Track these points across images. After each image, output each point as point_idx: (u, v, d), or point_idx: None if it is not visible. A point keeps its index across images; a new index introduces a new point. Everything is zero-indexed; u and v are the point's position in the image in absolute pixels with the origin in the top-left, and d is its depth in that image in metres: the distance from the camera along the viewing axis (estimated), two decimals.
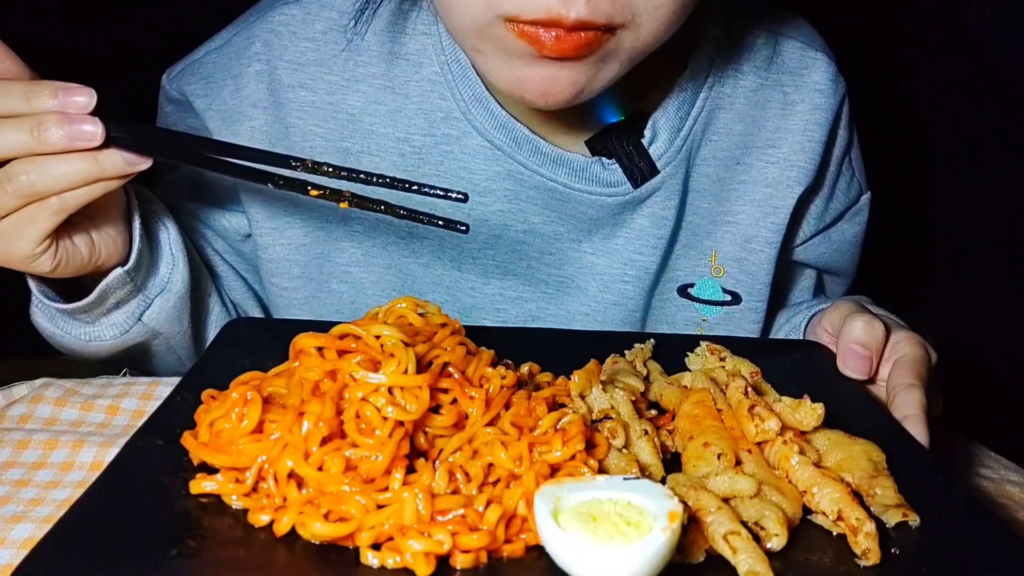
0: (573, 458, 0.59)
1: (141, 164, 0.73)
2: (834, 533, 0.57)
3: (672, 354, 0.80)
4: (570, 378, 0.70)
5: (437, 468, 0.57)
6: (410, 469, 0.57)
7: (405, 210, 0.71)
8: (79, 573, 0.49)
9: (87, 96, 0.70)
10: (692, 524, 0.55)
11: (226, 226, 1.00)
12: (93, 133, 0.69)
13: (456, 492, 0.56)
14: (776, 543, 0.54)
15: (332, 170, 0.71)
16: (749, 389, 0.67)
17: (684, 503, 0.54)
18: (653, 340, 0.82)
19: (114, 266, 0.82)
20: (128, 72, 1.26)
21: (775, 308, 1.10)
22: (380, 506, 0.53)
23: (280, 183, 0.73)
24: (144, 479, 0.57)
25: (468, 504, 0.54)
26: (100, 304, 0.83)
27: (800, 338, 0.98)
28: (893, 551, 0.56)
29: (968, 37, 1.87)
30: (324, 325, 0.65)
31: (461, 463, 0.58)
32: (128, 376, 0.84)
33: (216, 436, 0.59)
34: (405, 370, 0.59)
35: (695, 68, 0.93)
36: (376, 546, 0.52)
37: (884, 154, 1.27)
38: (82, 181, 0.71)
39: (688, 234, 0.99)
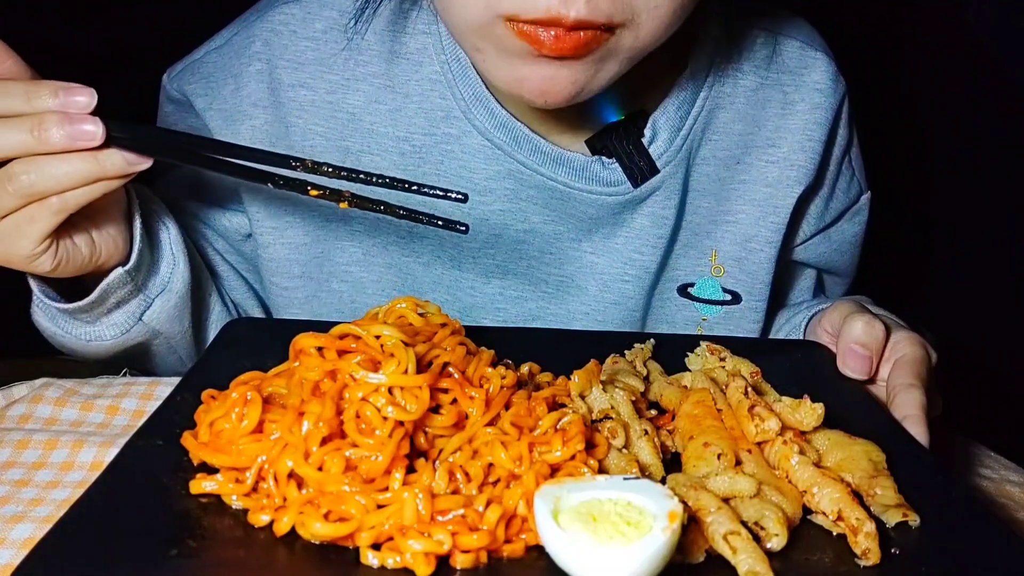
0: (573, 458, 0.59)
1: (141, 164, 0.73)
2: (834, 533, 0.57)
3: (672, 354, 0.80)
4: (570, 378, 0.70)
5: (437, 468, 0.57)
6: (410, 469, 0.57)
7: (405, 210, 0.71)
8: (79, 573, 0.49)
9: (87, 96, 0.70)
10: (692, 524, 0.55)
11: (227, 226, 1.00)
12: (94, 133, 0.70)
13: (456, 492, 0.56)
14: (776, 543, 0.54)
15: (332, 170, 0.71)
16: (749, 389, 0.67)
17: (684, 503, 0.54)
18: (653, 340, 0.82)
19: (115, 266, 0.82)
20: (128, 72, 1.26)
21: (775, 308, 1.10)
22: (380, 506, 0.53)
23: (280, 183, 0.73)
24: (144, 479, 0.57)
25: (468, 504, 0.54)
26: (101, 304, 0.83)
27: (800, 338, 0.98)
28: (893, 551, 0.56)
29: (968, 37, 1.87)
30: (324, 325, 0.65)
31: (461, 463, 0.58)
32: (128, 376, 0.84)
33: (216, 436, 0.59)
34: (405, 370, 0.59)
35: (695, 67, 0.93)
36: (376, 546, 0.52)
37: (884, 154, 1.27)
38: (82, 181, 0.71)
39: (688, 233, 0.99)
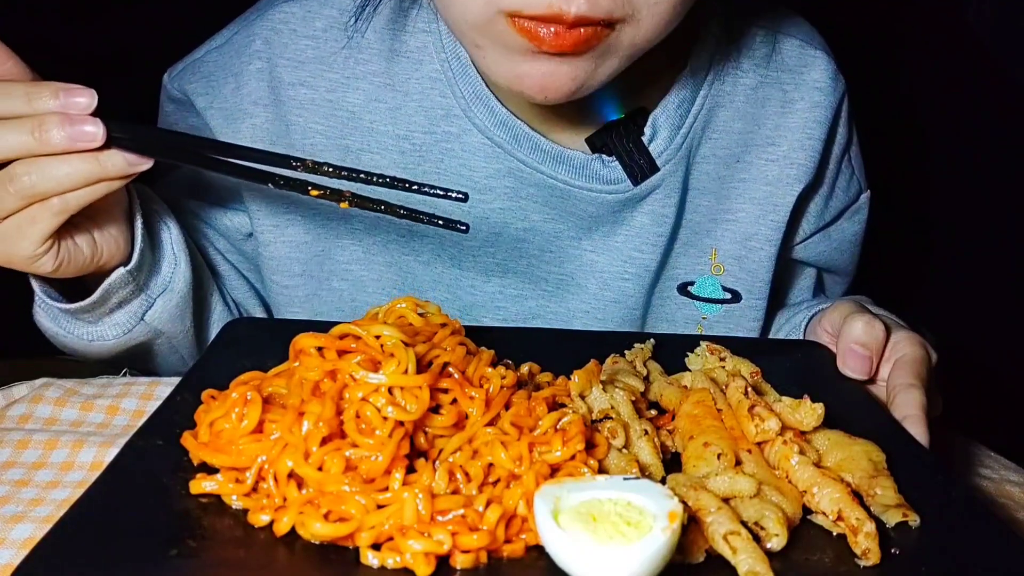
0: (573, 458, 0.59)
1: (142, 164, 0.73)
2: (834, 533, 0.57)
3: (672, 354, 0.80)
4: (570, 378, 0.70)
5: (437, 468, 0.57)
6: (410, 469, 0.57)
7: (405, 210, 0.71)
8: (79, 573, 0.49)
9: (88, 97, 0.70)
10: (692, 524, 0.55)
11: (228, 225, 1.00)
12: (94, 134, 0.70)
13: (456, 492, 0.56)
14: (776, 543, 0.54)
15: (332, 170, 0.71)
16: (749, 389, 0.67)
17: (684, 503, 0.54)
18: (653, 340, 0.82)
19: (116, 266, 0.82)
20: (129, 72, 1.26)
21: (775, 306, 1.10)
22: (380, 506, 0.53)
23: (280, 183, 0.73)
24: (144, 479, 0.57)
25: (468, 504, 0.54)
26: (103, 304, 0.83)
27: (800, 338, 0.98)
28: (893, 551, 0.56)
29: (968, 37, 1.87)
30: (324, 325, 0.65)
31: (461, 463, 0.58)
32: (128, 376, 0.84)
33: (216, 436, 0.59)
34: (405, 370, 0.59)
35: (695, 65, 0.93)
36: (376, 546, 0.52)
37: (884, 153, 1.27)
38: (84, 182, 0.71)
39: (688, 232, 0.99)
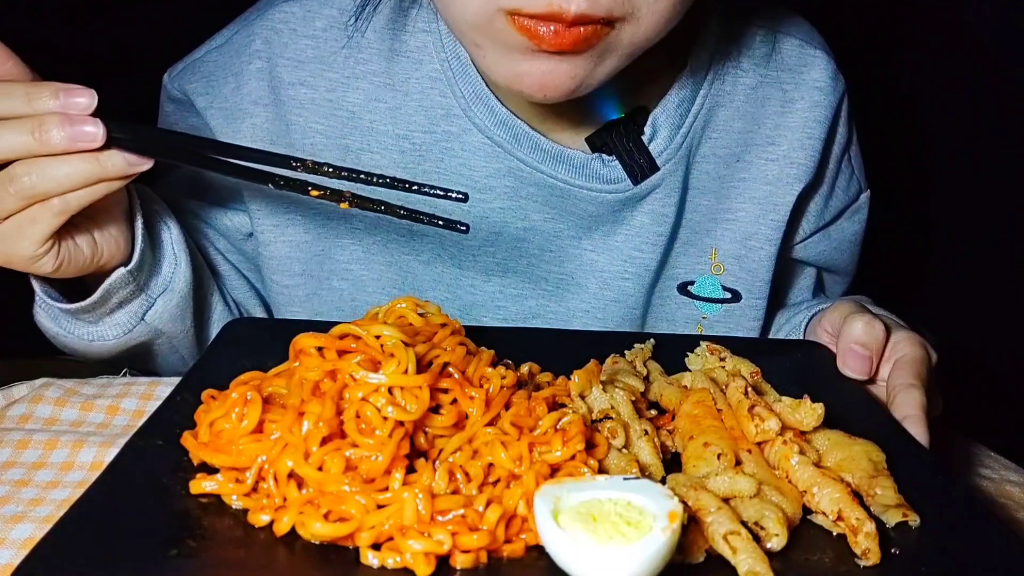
0: (573, 458, 0.59)
1: (142, 164, 0.73)
2: (834, 533, 0.57)
3: (672, 354, 0.80)
4: (570, 378, 0.70)
5: (437, 468, 0.57)
6: (410, 469, 0.57)
7: (405, 210, 0.71)
8: (79, 573, 0.49)
9: (88, 97, 0.70)
10: (692, 524, 0.55)
11: (228, 225, 1.00)
12: (94, 134, 0.70)
13: (456, 492, 0.56)
14: (776, 543, 0.54)
15: (332, 170, 0.71)
16: (749, 389, 0.67)
17: (684, 503, 0.54)
18: (653, 340, 0.82)
19: (117, 266, 0.82)
20: (128, 72, 1.26)
21: (775, 306, 1.10)
22: (380, 506, 0.53)
23: (280, 183, 0.73)
24: (144, 479, 0.57)
25: (468, 504, 0.54)
26: (103, 304, 0.83)
27: (800, 338, 0.98)
28: (893, 551, 0.56)
29: (968, 37, 1.87)
30: (324, 325, 0.65)
31: (461, 463, 0.58)
32: (128, 376, 0.84)
33: (216, 436, 0.59)
34: (405, 370, 0.59)
35: (695, 65, 0.93)
36: (376, 546, 0.52)
37: (884, 153, 1.27)
38: (84, 182, 0.71)
39: (688, 231, 0.99)
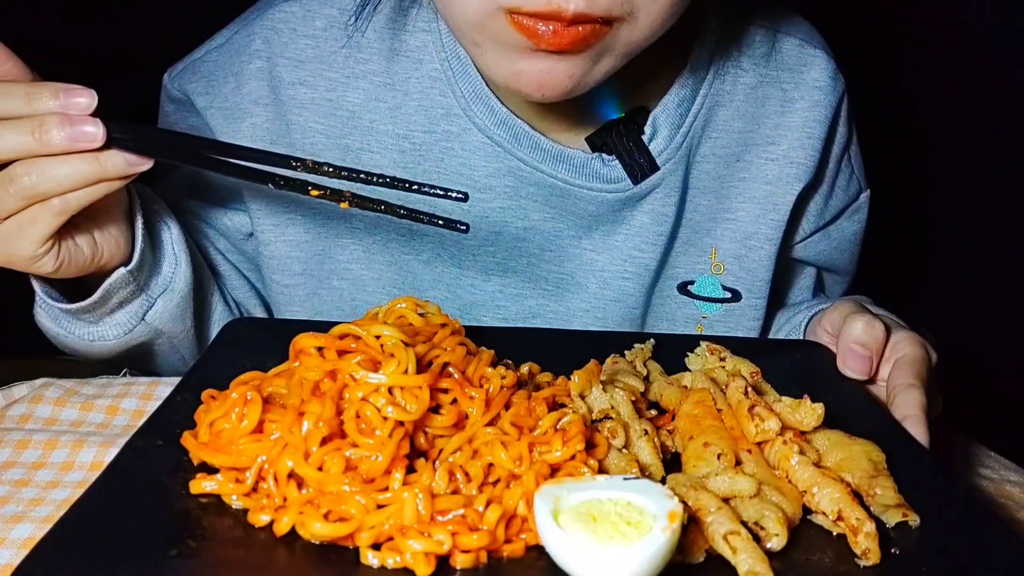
0: (573, 458, 0.59)
1: (142, 164, 0.73)
2: (834, 533, 0.57)
3: (672, 354, 0.80)
4: (570, 378, 0.70)
5: (437, 468, 0.57)
6: (410, 469, 0.57)
7: (406, 210, 0.71)
8: (79, 573, 0.49)
9: (88, 97, 0.70)
10: (692, 524, 0.55)
11: (228, 225, 1.00)
12: (94, 134, 0.70)
13: (456, 492, 0.56)
14: (776, 543, 0.54)
15: (332, 170, 0.71)
16: (749, 389, 0.67)
17: (684, 503, 0.54)
18: (653, 340, 0.82)
19: (117, 266, 0.82)
20: (128, 72, 1.26)
21: (775, 306, 1.10)
22: (380, 506, 0.53)
23: (280, 183, 0.73)
24: (144, 479, 0.57)
25: (468, 504, 0.54)
26: (103, 304, 0.83)
27: (800, 338, 0.98)
28: (893, 551, 0.56)
29: (968, 37, 1.87)
30: (324, 325, 0.65)
31: (461, 463, 0.58)
32: (128, 376, 0.84)
33: (216, 436, 0.59)
34: (405, 370, 0.59)
35: (695, 64, 0.93)
36: (376, 546, 0.52)
37: (884, 153, 1.27)
38: (84, 182, 0.71)
39: (688, 231, 0.99)
